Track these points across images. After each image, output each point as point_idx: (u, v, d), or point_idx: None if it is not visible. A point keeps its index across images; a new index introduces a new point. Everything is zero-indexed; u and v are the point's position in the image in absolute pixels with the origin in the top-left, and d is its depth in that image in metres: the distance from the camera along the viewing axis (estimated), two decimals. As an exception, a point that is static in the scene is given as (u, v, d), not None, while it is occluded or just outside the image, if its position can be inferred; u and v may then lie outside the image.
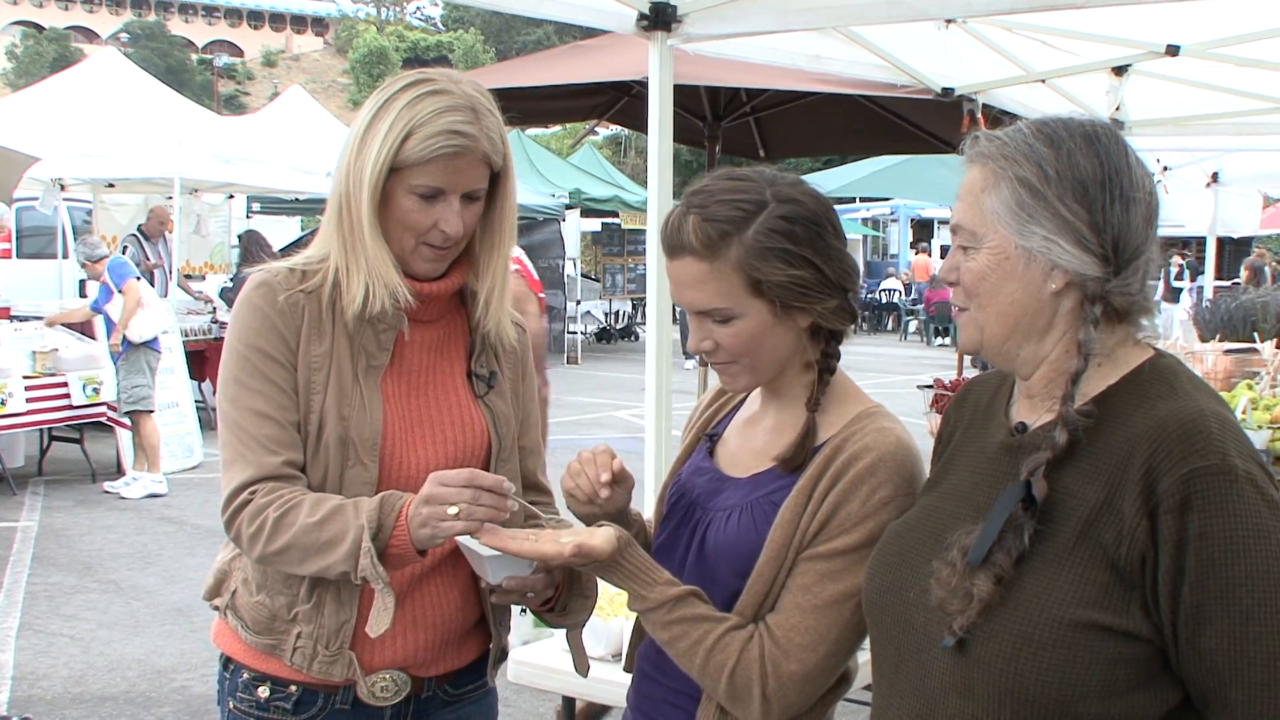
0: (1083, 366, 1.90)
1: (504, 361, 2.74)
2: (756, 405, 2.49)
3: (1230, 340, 7.20)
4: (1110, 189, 1.89)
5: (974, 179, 1.98)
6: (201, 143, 15.58)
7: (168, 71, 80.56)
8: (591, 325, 29.15)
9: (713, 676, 2.21)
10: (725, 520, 2.34)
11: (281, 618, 2.54)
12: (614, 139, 59.70)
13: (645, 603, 2.24)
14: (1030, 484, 1.87)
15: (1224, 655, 1.74)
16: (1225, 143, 10.67)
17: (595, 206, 26.34)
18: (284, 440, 2.47)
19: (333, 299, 2.54)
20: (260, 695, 2.57)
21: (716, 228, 2.22)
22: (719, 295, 2.24)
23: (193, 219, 16.92)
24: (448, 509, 2.25)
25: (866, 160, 28.00)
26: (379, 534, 2.32)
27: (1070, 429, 1.87)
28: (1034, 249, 1.91)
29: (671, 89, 4.93)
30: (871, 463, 2.23)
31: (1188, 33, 6.27)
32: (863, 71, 6.66)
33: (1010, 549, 1.85)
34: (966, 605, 1.85)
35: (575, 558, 2.18)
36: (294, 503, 2.40)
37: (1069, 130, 1.94)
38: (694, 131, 9.10)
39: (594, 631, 3.91)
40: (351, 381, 2.51)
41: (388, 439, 2.52)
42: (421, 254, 2.53)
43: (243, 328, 2.53)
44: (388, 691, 2.58)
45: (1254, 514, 1.75)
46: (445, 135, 2.42)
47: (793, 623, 2.21)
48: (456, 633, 2.66)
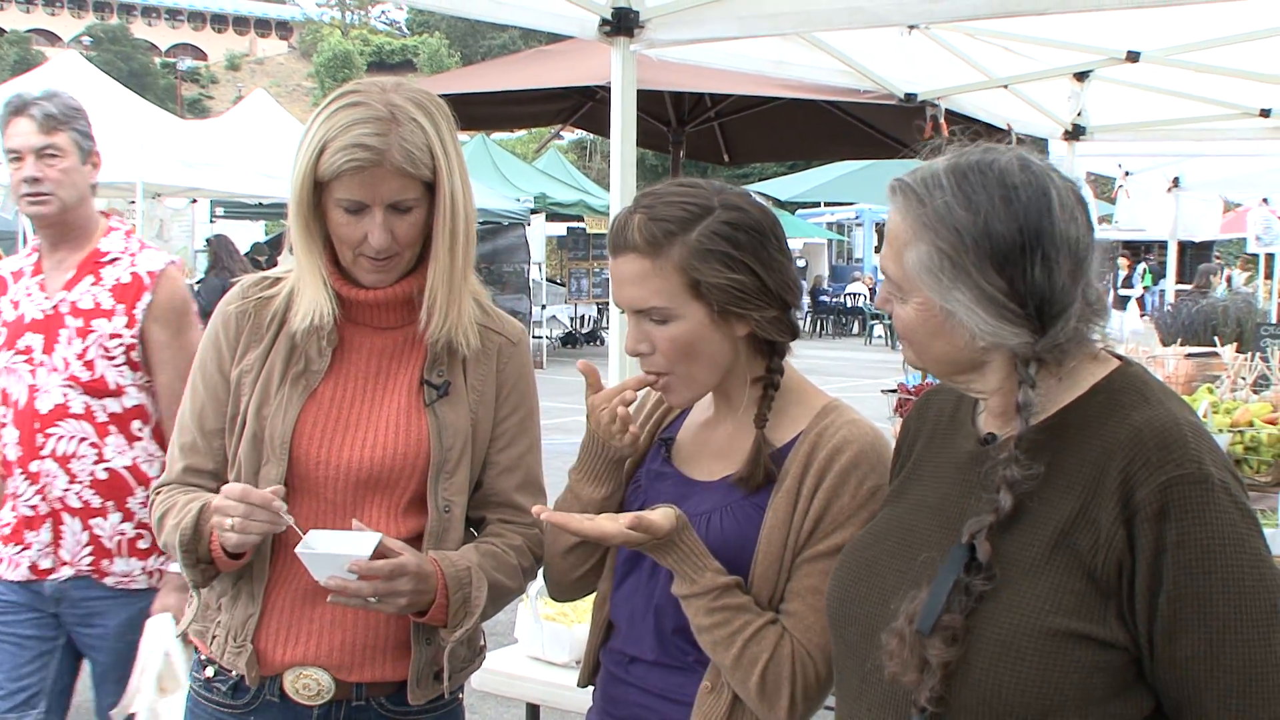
0: (1025, 429, 1.87)
1: (471, 371, 2.68)
2: (710, 410, 2.50)
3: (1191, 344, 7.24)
4: (1030, 254, 1.84)
5: (896, 229, 1.93)
6: (164, 147, 15.49)
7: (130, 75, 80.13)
8: (557, 330, 29.10)
9: (745, 668, 2.23)
10: (705, 524, 2.34)
11: (212, 606, 2.65)
12: (579, 143, 59.70)
13: (694, 586, 2.25)
14: (975, 547, 1.86)
15: (1200, 663, 1.75)
16: (1186, 148, 10.72)
17: (560, 211, 26.33)
18: (194, 447, 2.67)
19: (284, 307, 2.63)
20: (206, 675, 2.68)
21: (661, 227, 2.25)
22: (658, 294, 2.27)
23: (156, 223, 16.80)
24: (225, 520, 2.40)
25: (831, 165, 28.16)
26: (199, 542, 2.51)
27: (1015, 493, 1.85)
28: (957, 314, 1.88)
29: (634, 94, 4.93)
30: (855, 455, 2.28)
31: (1149, 39, 6.30)
32: (826, 77, 6.67)
33: (959, 611, 1.84)
34: (921, 676, 1.84)
35: (634, 529, 2.20)
36: (170, 505, 2.61)
37: (987, 189, 1.86)
38: (658, 136, 9.10)
39: (558, 638, 3.90)
40: (277, 385, 2.59)
41: (304, 439, 2.57)
42: (361, 265, 2.56)
43: (204, 337, 2.71)
44: (310, 690, 2.59)
45: (1229, 523, 1.76)
46: (350, 149, 2.40)
47: (809, 624, 2.24)
48: (387, 640, 2.61)
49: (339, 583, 2.36)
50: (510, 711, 6.23)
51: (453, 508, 2.63)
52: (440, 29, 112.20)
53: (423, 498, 2.62)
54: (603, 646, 2.54)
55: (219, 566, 2.56)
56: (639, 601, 2.43)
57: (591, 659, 2.58)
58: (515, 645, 4.07)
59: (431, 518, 2.61)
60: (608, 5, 4.76)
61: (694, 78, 7.48)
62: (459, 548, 2.62)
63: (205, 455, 2.66)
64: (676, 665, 2.38)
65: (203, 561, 2.54)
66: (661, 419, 2.59)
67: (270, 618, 2.59)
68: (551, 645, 3.92)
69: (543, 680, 3.87)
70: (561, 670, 3.87)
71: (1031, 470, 1.85)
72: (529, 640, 3.99)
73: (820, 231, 38.65)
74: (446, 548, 2.60)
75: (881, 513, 2.17)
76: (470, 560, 2.57)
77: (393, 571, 2.40)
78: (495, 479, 2.72)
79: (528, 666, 3.96)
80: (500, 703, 6.09)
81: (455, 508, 2.64)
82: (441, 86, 9.07)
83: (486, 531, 2.70)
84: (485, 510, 2.72)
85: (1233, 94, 7.33)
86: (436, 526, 2.61)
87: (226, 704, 2.65)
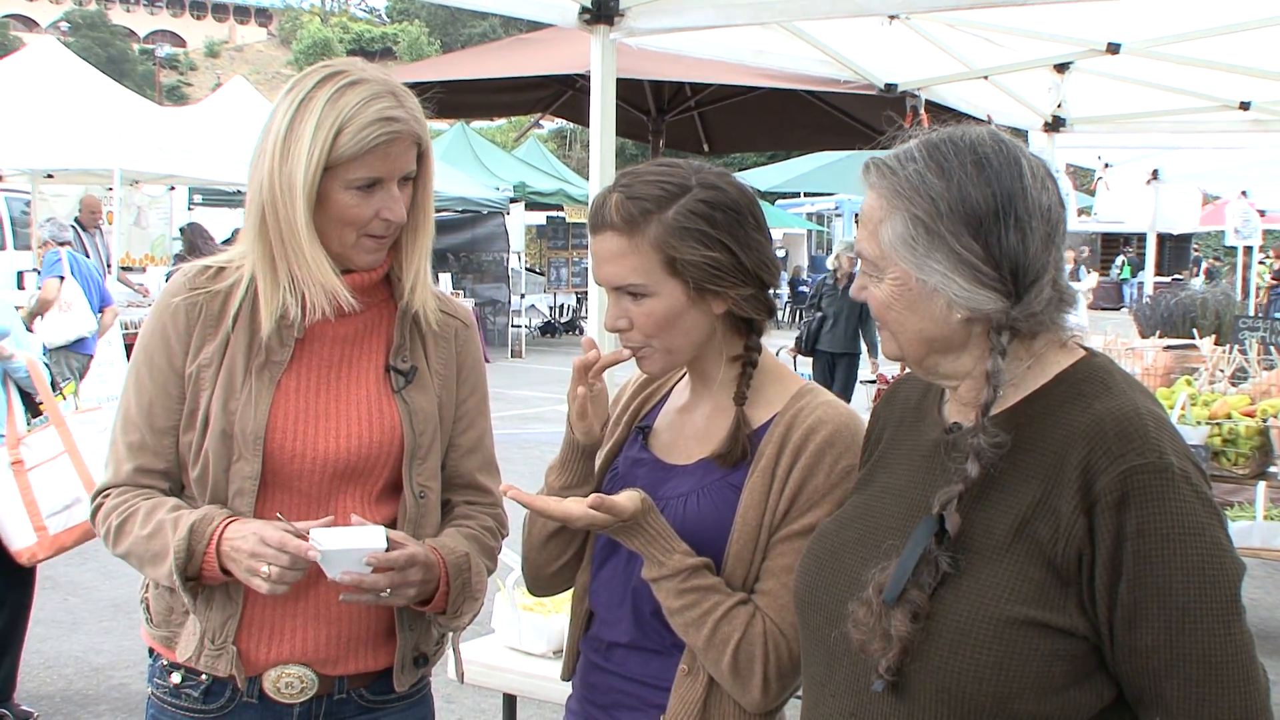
0: (992, 398, 1.88)
1: (433, 354, 2.68)
2: (687, 395, 2.50)
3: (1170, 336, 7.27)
4: (1004, 219, 1.86)
5: (871, 208, 1.96)
6: (142, 134, 15.46)
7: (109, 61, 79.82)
8: (536, 319, 29.11)
9: (718, 648, 2.24)
10: (682, 506, 2.35)
11: (177, 610, 2.57)
12: (559, 132, 59.68)
13: (662, 569, 2.26)
14: (944, 517, 1.87)
15: (1160, 651, 1.75)
16: (1165, 140, 10.78)
17: (540, 200, 26.35)
18: (143, 446, 2.55)
19: (242, 300, 2.55)
20: (173, 682, 2.59)
21: (638, 205, 2.28)
22: (635, 271, 2.28)
23: (133, 210, 16.76)
24: (260, 566, 2.33)
25: (811, 155, 28.22)
26: (190, 560, 2.42)
27: (982, 462, 1.86)
28: (932, 284, 1.89)
29: (614, 83, 4.92)
30: (829, 435, 2.29)
31: (1129, 31, 6.32)
32: (806, 66, 6.67)
33: (925, 584, 1.85)
34: (886, 647, 1.85)
35: (597, 509, 2.20)
36: (130, 511, 2.52)
37: (959, 156, 1.89)
38: (638, 125, 9.10)
39: (535, 629, 3.90)
40: (242, 377, 2.52)
41: (277, 433, 2.51)
42: (363, 246, 2.52)
43: (144, 329, 2.61)
44: (293, 688, 2.55)
45: (1190, 511, 1.76)
46: (379, 123, 2.40)
47: (784, 603, 2.23)
48: (368, 631, 2.60)
49: (354, 578, 2.33)
50: (487, 700, 6.22)
51: (428, 493, 2.62)
52: (420, 17, 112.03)
53: (396, 485, 2.60)
54: (583, 637, 2.54)
55: (206, 583, 2.48)
56: (617, 586, 2.43)
57: (572, 651, 2.58)
58: (493, 635, 4.07)
59: (409, 505, 2.59)
60: (588, -6, 4.75)
61: (674, 67, 7.48)
62: (438, 533, 2.62)
63: (155, 454, 2.56)
64: (655, 649, 2.38)
65: (190, 579, 2.46)
66: (640, 408, 2.59)
67: (251, 617, 2.53)
68: (529, 635, 3.92)
69: (520, 670, 3.88)
70: (539, 660, 3.87)
71: (998, 439, 1.85)
72: (506, 630, 3.99)
73: (800, 222, 38.65)
74: (424, 534, 2.58)
75: (849, 499, 2.18)
76: (465, 546, 2.57)
77: (407, 562, 2.39)
78: (459, 461, 2.72)
79: (505, 657, 3.96)
80: (477, 693, 6.08)
81: (430, 493, 2.63)
82: (421, 74, 9.04)
83: (456, 514, 2.70)
84: (450, 493, 2.71)
85: (1213, 87, 7.36)
86: (414, 513, 2.60)
87: (197, 710, 2.57)
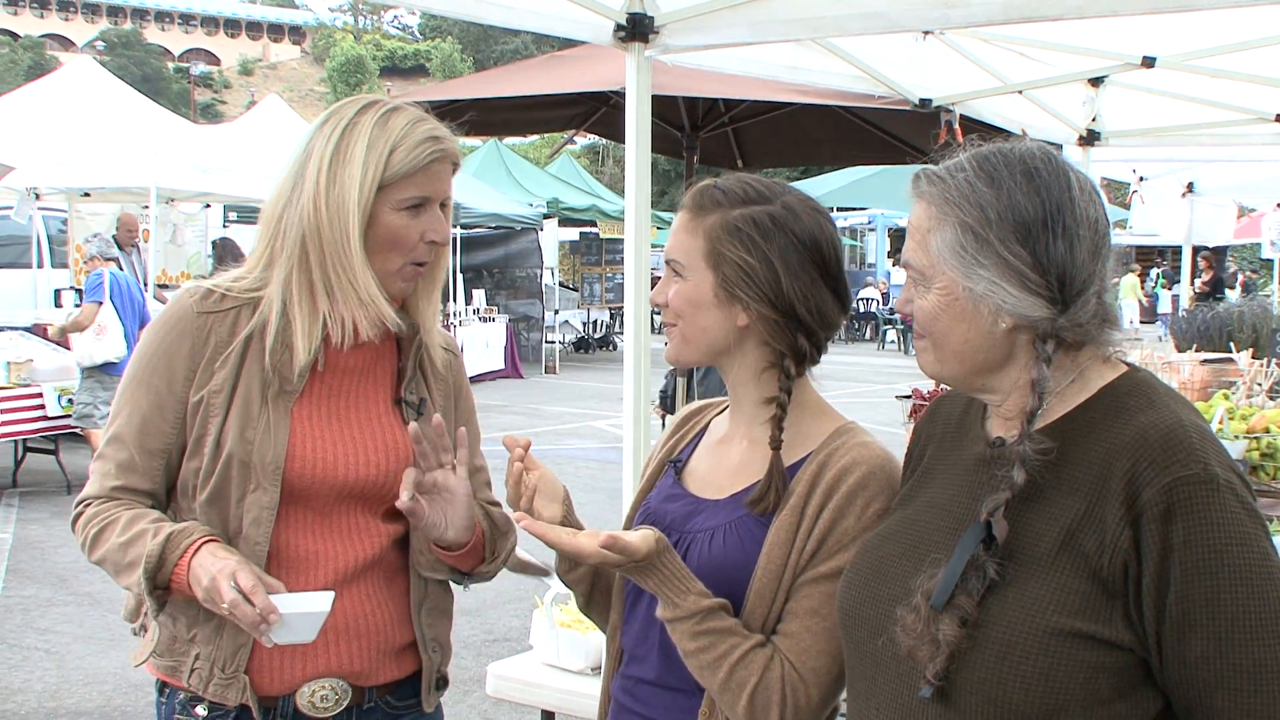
0: (1037, 405, 1.89)
1: (434, 387, 2.74)
2: (723, 429, 2.49)
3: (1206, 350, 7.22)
4: (1052, 227, 1.89)
5: (920, 218, 1.99)
6: (178, 152, 15.55)
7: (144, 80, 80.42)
8: (569, 335, 29.14)
9: (734, 692, 2.19)
10: (709, 540, 2.32)
11: (181, 638, 2.56)
12: (592, 148, 59.80)
13: (676, 610, 2.21)
14: (991, 524, 1.87)
15: (1210, 662, 1.75)
16: (1200, 153, 10.73)
17: (573, 216, 26.37)
18: (131, 466, 2.55)
19: (254, 326, 2.54)
20: (198, 714, 2.56)
21: (713, 195, 2.36)
22: (683, 249, 2.36)
23: (169, 228, 16.89)
24: (222, 604, 2.30)
25: (844, 170, 28.11)
26: (160, 569, 2.40)
27: (1028, 468, 1.86)
28: (980, 292, 1.92)
29: (649, 100, 4.93)
30: (862, 477, 2.25)
31: (1163, 45, 6.29)
32: (840, 82, 6.66)
33: (973, 590, 1.85)
34: (934, 652, 1.84)
35: (609, 548, 2.14)
36: (109, 520, 2.52)
37: (1009, 167, 1.93)
38: (672, 141, 9.10)
39: (573, 645, 3.90)
40: (259, 405, 2.52)
41: (296, 462, 2.52)
42: (405, 274, 2.58)
43: (143, 346, 2.59)
44: (328, 701, 2.56)
45: (1236, 522, 1.76)
46: (429, 142, 2.51)
47: (804, 646, 2.20)
48: (395, 642, 2.64)
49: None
50: (525, 717, 6.22)
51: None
52: (453, 34, 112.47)
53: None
54: (614, 675, 2.52)
55: (176, 595, 2.46)
56: (646, 621, 2.40)
57: (605, 693, 2.55)
58: (530, 652, 4.08)
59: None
60: (622, 11, 4.76)
61: (708, 83, 7.47)
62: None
63: (143, 475, 2.55)
64: (681, 688, 2.33)
65: (159, 588, 2.44)
66: (674, 447, 2.58)
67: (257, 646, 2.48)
68: (567, 652, 3.92)
69: (558, 687, 3.88)
70: (577, 677, 3.87)
71: (1043, 445, 1.86)
72: (544, 647, 4.00)
73: (833, 236, 38.54)
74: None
75: (893, 515, 2.17)
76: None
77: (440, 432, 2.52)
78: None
79: (543, 673, 3.96)
80: (515, 710, 6.09)
81: None
82: (455, 92, 9.07)
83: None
84: None
85: (1248, 99, 7.32)
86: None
87: None
